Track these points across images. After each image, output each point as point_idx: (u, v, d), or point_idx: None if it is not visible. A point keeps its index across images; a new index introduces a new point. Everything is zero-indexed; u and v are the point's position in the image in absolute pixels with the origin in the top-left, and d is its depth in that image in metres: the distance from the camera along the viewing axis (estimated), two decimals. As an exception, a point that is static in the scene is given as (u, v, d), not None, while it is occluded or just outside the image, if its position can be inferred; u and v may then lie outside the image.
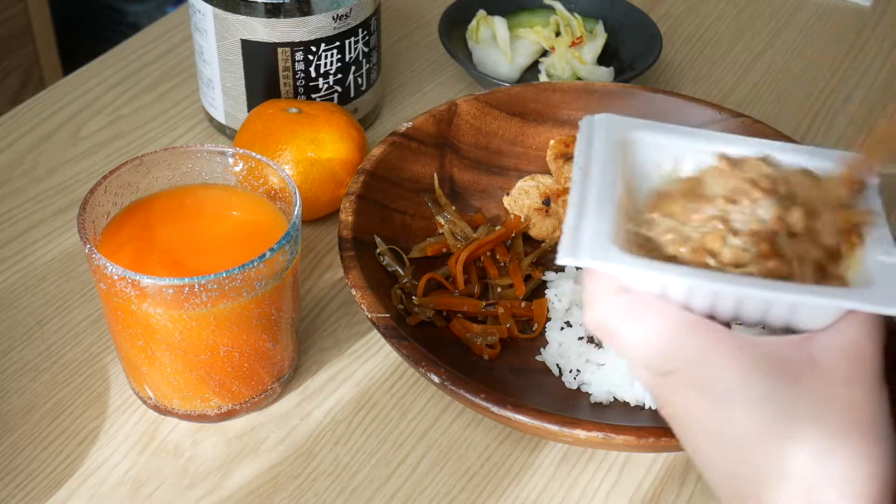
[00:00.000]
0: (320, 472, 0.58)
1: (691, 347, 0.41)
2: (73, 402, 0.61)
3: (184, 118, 0.83)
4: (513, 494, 0.57)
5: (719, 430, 0.41)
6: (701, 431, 0.42)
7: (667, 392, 0.43)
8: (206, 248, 0.59)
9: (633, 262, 0.42)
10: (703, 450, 0.42)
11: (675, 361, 0.42)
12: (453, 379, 0.54)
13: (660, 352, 0.42)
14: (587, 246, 0.43)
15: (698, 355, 0.41)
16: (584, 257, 0.42)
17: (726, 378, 0.40)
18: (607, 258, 0.42)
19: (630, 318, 0.42)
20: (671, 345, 0.42)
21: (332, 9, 0.72)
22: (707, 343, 0.41)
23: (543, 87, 0.75)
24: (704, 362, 0.41)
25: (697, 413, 0.41)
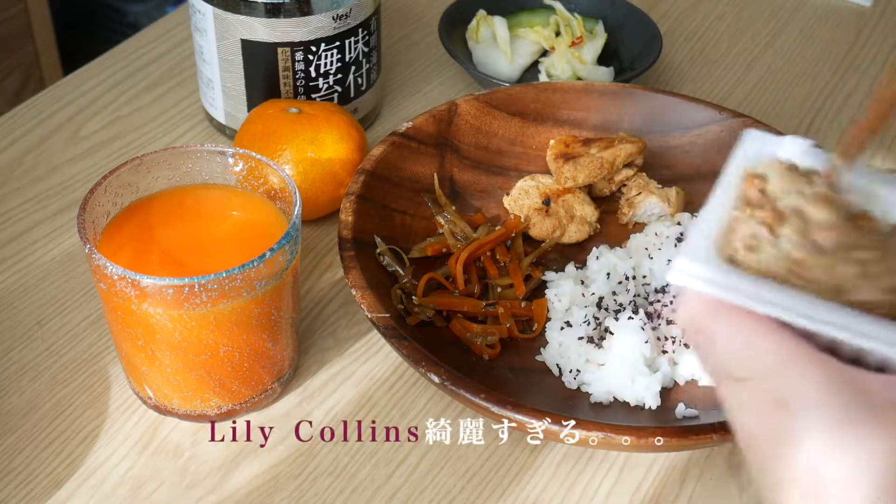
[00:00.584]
0: (320, 472, 0.58)
1: (774, 355, 0.39)
2: (73, 402, 0.61)
3: (184, 118, 0.83)
4: (513, 494, 0.57)
5: (786, 450, 0.38)
6: (767, 447, 0.39)
7: (739, 399, 0.40)
8: (206, 248, 0.59)
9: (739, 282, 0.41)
10: (767, 466, 0.40)
11: (754, 367, 0.40)
12: (453, 379, 0.54)
13: (740, 354, 0.40)
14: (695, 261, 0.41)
15: (779, 365, 0.39)
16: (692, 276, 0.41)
17: (804, 395, 0.38)
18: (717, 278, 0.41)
19: (720, 317, 0.41)
20: (753, 349, 0.40)
21: (332, 9, 0.72)
22: (791, 354, 0.39)
23: (543, 87, 0.75)
24: (784, 373, 0.39)
25: (767, 427, 0.39)
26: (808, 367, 0.39)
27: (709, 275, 0.41)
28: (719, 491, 0.58)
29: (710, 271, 0.41)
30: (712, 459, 0.59)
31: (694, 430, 0.52)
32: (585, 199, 0.71)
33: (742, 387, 0.40)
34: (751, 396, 0.40)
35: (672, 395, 0.60)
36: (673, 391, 0.61)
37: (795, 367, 0.39)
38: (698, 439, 0.52)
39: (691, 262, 0.41)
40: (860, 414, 0.37)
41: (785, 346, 0.39)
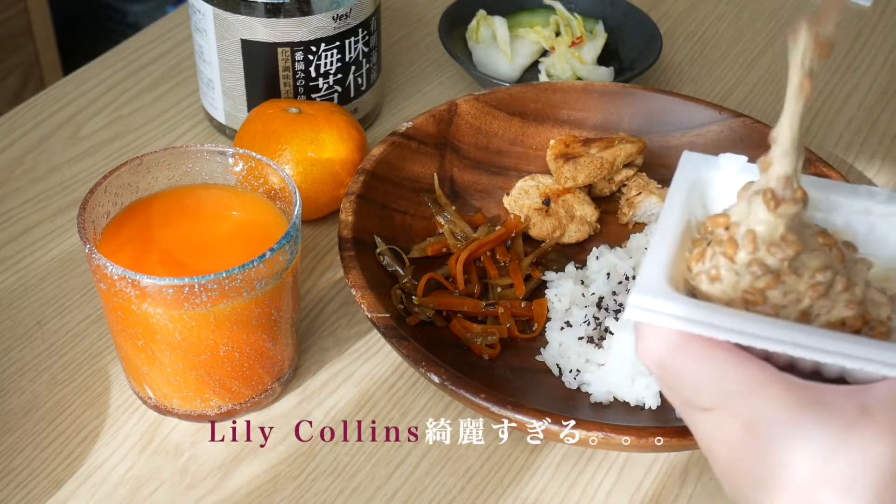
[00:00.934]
0: (320, 472, 0.58)
1: (738, 383, 0.40)
2: (73, 402, 0.61)
3: (184, 118, 0.83)
4: (513, 494, 0.57)
5: (762, 472, 0.39)
6: (742, 471, 0.40)
7: (709, 427, 0.41)
8: (206, 248, 0.59)
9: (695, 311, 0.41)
10: (744, 491, 0.40)
11: (722, 396, 0.40)
12: (453, 379, 0.54)
13: (707, 384, 0.40)
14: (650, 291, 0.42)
15: (744, 390, 0.39)
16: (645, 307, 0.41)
17: (772, 417, 0.39)
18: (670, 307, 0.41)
19: (681, 350, 0.41)
20: (718, 378, 0.40)
21: (332, 9, 0.72)
22: (755, 379, 0.39)
23: (543, 87, 0.75)
24: (751, 398, 0.39)
25: (739, 452, 0.40)
26: (772, 389, 0.39)
27: (666, 308, 0.41)
28: (719, 491, 0.58)
29: (667, 304, 0.41)
30: (712, 459, 0.59)
31: (694, 430, 0.52)
32: (585, 199, 0.71)
33: (710, 416, 0.41)
34: (719, 424, 0.40)
35: (672, 395, 0.60)
36: (673, 391, 0.61)
37: (760, 390, 0.39)
38: (698, 439, 0.52)
39: (648, 297, 0.41)
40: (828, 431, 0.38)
41: (747, 370, 0.40)
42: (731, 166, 0.47)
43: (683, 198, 0.46)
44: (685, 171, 0.47)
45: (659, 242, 0.44)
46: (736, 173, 0.47)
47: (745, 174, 0.47)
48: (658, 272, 0.42)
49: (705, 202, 0.48)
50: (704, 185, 0.48)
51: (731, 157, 0.47)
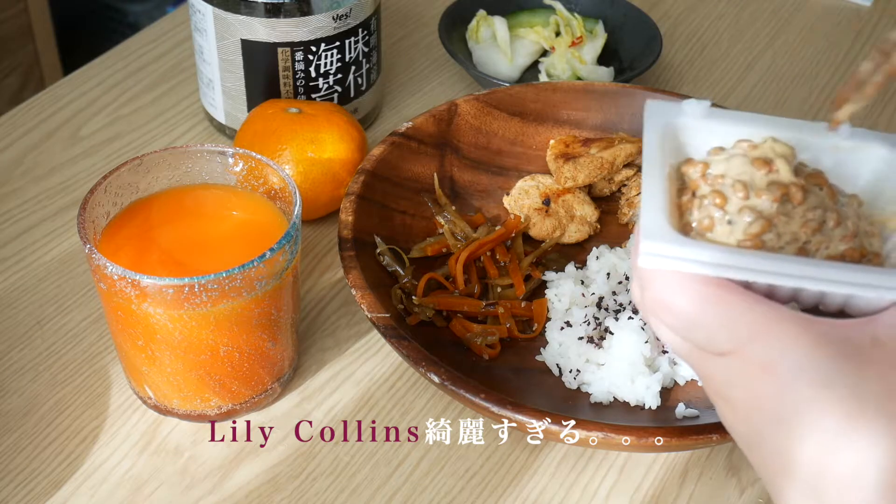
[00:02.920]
0: (320, 472, 0.58)
1: (752, 325, 0.39)
2: (73, 402, 0.61)
3: (184, 118, 0.83)
4: (513, 494, 0.57)
5: (783, 412, 0.38)
6: (762, 414, 0.39)
7: (722, 373, 0.40)
8: (206, 248, 0.59)
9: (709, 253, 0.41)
10: (764, 433, 0.39)
11: (734, 340, 0.39)
12: (453, 379, 0.54)
13: (718, 329, 0.40)
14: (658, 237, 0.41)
15: (759, 332, 0.39)
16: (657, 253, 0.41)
17: (790, 357, 0.38)
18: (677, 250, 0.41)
19: (688, 294, 0.40)
20: (731, 322, 0.39)
21: (332, 9, 0.72)
22: (767, 320, 0.39)
23: (543, 87, 0.75)
24: (766, 340, 0.39)
25: (758, 394, 0.39)
26: (787, 328, 0.39)
27: (677, 252, 0.41)
28: (719, 491, 0.58)
29: (676, 248, 0.41)
30: (712, 459, 0.59)
31: (694, 430, 0.52)
32: (585, 199, 0.71)
33: (725, 360, 0.40)
34: (736, 368, 0.40)
35: (672, 395, 0.60)
36: (673, 391, 0.61)
37: (775, 330, 0.39)
38: (698, 439, 0.52)
39: (657, 243, 0.41)
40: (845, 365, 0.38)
41: (760, 311, 0.39)
42: (696, 111, 0.47)
43: (659, 144, 0.46)
44: (653, 118, 0.47)
45: (651, 191, 0.44)
46: (701, 119, 0.47)
47: (709, 120, 0.47)
48: (660, 218, 0.42)
49: (677, 147, 0.47)
50: (674, 131, 0.47)
51: (694, 103, 0.48)
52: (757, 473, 0.41)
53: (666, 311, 0.41)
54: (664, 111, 0.48)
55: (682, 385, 0.61)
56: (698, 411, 0.59)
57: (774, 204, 0.42)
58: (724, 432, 0.52)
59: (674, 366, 0.61)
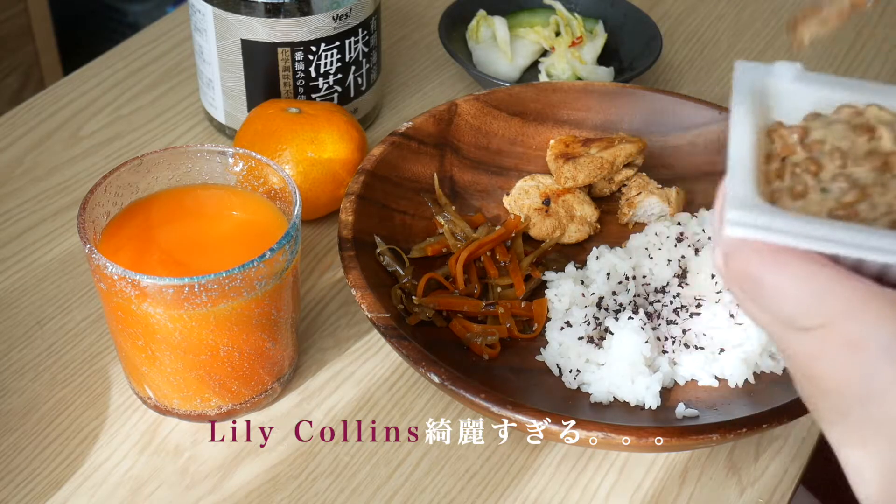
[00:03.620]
0: (320, 472, 0.58)
1: (842, 300, 0.38)
2: (73, 402, 0.61)
3: (184, 118, 0.83)
4: (513, 494, 0.57)
5: (869, 391, 0.37)
6: (845, 393, 0.38)
7: (807, 348, 0.39)
8: (206, 248, 0.59)
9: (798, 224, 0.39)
10: (847, 412, 0.39)
11: (823, 315, 0.38)
12: (453, 379, 0.54)
13: (807, 303, 0.38)
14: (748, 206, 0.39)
15: (849, 309, 0.38)
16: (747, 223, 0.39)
17: (880, 335, 0.37)
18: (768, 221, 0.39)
19: (779, 266, 0.39)
20: (820, 296, 0.38)
21: (332, 9, 0.72)
22: (858, 296, 0.38)
23: (543, 87, 0.75)
24: (856, 317, 0.37)
25: (844, 372, 0.38)
26: (876, 305, 0.38)
27: (765, 221, 0.39)
28: (719, 491, 0.58)
29: (765, 218, 0.39)
30: (712, 459, 0.59)
31: (694, 430, 0.52)
32: (585, 199, 0.71)
33: (810, 335, 0.39)
34: (822, 344, 0.38)
35: (672, 395, 0.60)
36: (673, 391, 0.61)
37: (864, 306, 0.38)
38: (698, 439, 0.52)
39: (746, 212, 0.39)
40: None
41: (849, 286, 0.38)
42: (787, 73, 0.46)
43: (749, 108, 0.44)
44: (743, 80, 0.45)
45: (739, 156, 0.41)
46: (791, 82, 0.45)
47: (800, 83, 0.45)
48: (748, 186, 0.40)
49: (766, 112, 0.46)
50: (763, 95, 0.45)
51: (787, 64, 0.46)
52: (835, 451, 0.40)
53: (751, 283, 0.40)
54: (754, 72, 0.45)
55: (682, 385, 0.61)
56: (698, 411, 0.59)
57: (872, 173, 0.40)
58: (724, 432, 0.52)
59: (674, 366, 0.61)
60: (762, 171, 0.42)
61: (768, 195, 0.41)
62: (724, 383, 0.61)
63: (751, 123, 0.43)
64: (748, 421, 0.53)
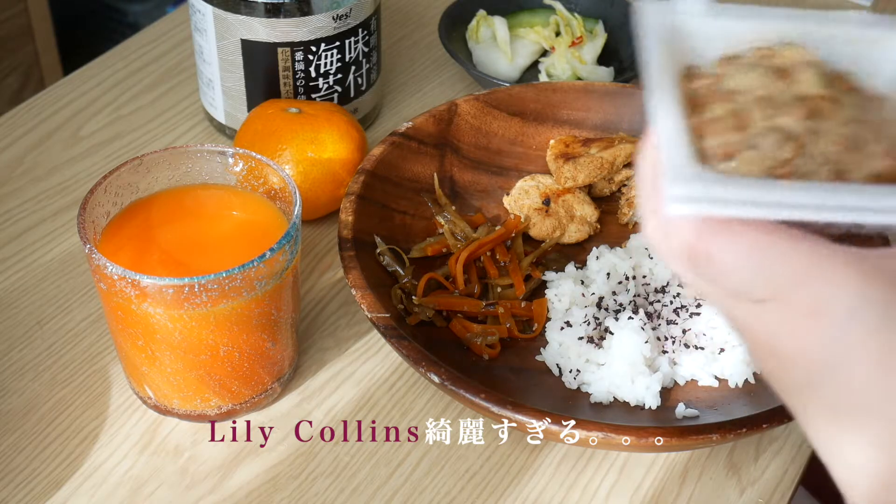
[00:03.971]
0: (320, 472, 0.58)
1: (795, 267, 0.36)
2: (73, 402, 0.61)
3: (184, 118, 0.83)
4: (513, 494, 0.57)
5: (834, 360, 0.35)
6: (811, 364, 0.36)
7: (764, 321, 0.37)
8: (206, 248, 0.59)
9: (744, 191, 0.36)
10: (812, 383, 0.37)
11: (777, 285, 0.36)
12: (453, 379, 0.54)
13: (759, 274, 0.36)
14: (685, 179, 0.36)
15: (804, 276, 0.35)
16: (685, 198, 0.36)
17: (840, 301, 0.35)
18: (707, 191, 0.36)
19: (727, 237, 0.36)
20: (772, 265, 0.36)
21: (332, 9, 0.72)
22: (812, 261, 0.35)
23: (543, 87, 0.75)
24: (812, 284, 0.35)
25: (806, 342, 0.36)
26: (834, 268, 0.35)
27: (708, 193, 0.36)
28: (719, 491, 0.58)
29: (707, 189, 0.36)
30: (712, 459, 0.59)
31: (694, 430, 0.52)
32: (585, 199, 0.71)
33: (766, 308, 0.37)
34: (780, 316, 0.36)
35: (672, 395, 0.60)
36: (673, 391, 0.61)
37: (821, 271, 0.35)
38: (698, 439, 0.52)
39: (684, 185, 0.36)
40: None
41: (802, 251, 0.36)
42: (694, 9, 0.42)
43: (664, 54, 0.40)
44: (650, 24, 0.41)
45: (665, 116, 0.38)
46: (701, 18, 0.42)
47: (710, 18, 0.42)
48: (683, 153, 0.37)
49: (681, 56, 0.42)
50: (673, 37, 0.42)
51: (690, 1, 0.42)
52: (802, 427, 0.38)
53: (697, 258, 0.37)
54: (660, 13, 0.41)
55: (682, 385, 0.61)
56: (698, 411, 0.59)
57: (801, 121, 0.37)
58: (724, 432, 0.52)
59: (674, 366, 0.61)
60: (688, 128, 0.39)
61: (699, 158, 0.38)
62: (724, 383, 0.61)
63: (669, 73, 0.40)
64: (748, 421, 0.53)
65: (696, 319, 0.62)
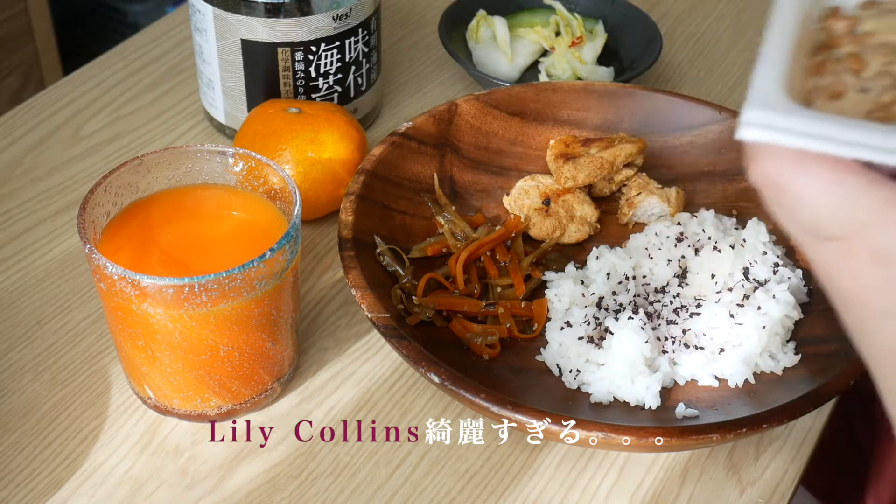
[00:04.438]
0: (320, 472, 0.58)
1: (870, 209, 0.35)
2: (73, 402, 0.61)
3: (184, 118, 0.83)
4: (513, 494, 0.57)
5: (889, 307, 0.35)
6: (870, 306, 0.36)
7: (835, 259, 0.37)
8: (206, 248, 0.59)
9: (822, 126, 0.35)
10: (871, 326, 0.37)
11: (850, 224, 0.36)
12: (453, 379, 0.54)
13: (833, 211, 0.36)
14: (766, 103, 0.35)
15: (878, 218, 0.35)
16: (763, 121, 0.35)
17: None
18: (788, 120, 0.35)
19: (803, 171, 0.36)
20: (847, 204, 0.36)
21: (332, 9, 0.72)
22: (883, 205, 0.35)
23: (543, 87, 0.75)
24: (882, 227, 0.35)
25: (869, 284, 0.36)
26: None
27: (786, 123, 0.35)
28: (719, 491, 0.58)
29: (786, 119, 0.35)
30: (712, 459, 0.59)
31: (694, 430, 0.52)
32: (585, 199, 0.71)
33: (834, 246, 0.37)
34: (845, 255, 0.36)
35: (672, 395, 0.60)
36: (673, 391, 0.61)
37: (888, 217, 0.35)
38: (698, 439, 0.52)
39: (765, 112, 0.35)
40: None
41: (877, 195, 0.35)
42: None
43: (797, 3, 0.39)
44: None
45: (773, 47, 0.37)
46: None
47: None
48: (773, 83, 0.36)
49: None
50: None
51: None
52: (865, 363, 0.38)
53: (774, 189, 0.37)
54: None
55: (682, 385, 0.61)
56: (698, 411, 0.59)
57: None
58: (724, 432, 0.52)
59: (674, 366, 0.61)
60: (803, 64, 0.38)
61: (804, 94, 0.37)
62: (724, 383, 0.61)
63: (796, 8, 0.39)
64: (748, 421, 0.53)
65: (696, 319, 0.62)
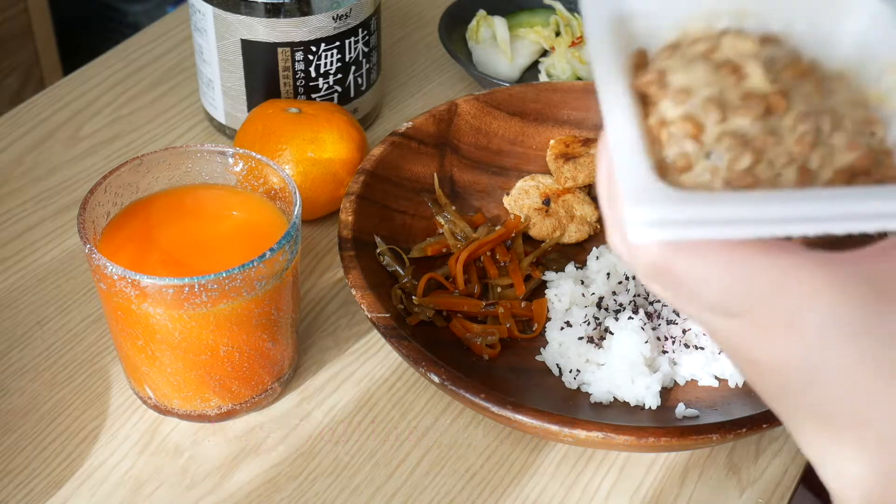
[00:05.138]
0: (320, 472, 0.58)
1: (769, 279, 0.34)
2: (73, 402, 0.61)
3: (184, 118, 0.83)
4: (513, 494, 0.57)
5: (813, 370, 0.35)
6: (787, 375, 0.35)
7: (741, 335, 0.36)
8: (206, 248, 0.59)
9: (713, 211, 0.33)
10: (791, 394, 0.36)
11: (750, 298, 0.35)
12: (453, 379, 0.54)
13: (732, 290, 0.35)
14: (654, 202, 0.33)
15: (776, 287, 0.34)
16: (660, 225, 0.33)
17: (816, 312, 0.34)
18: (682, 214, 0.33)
19: (689, 255, 0.35)
20: (745, 279, 0.35)
21: (332, 9, 0.72)
22: (783, 272, 0.34)
23: (543, 87, 0.75)
24: (784, 295, 0.34)
25: (783, 355, 0.35)
26: (807, 278, 0.34)
27: (673, 215, 0.33)
28: (719, 491, 0.58)
29: (672, 211, 0.33)
30: (712, 459, 0.59)
31: (694, 430, 0.52)
32: (585, 199, 0.71)
33: (741, 322, 0.36)
34: (755, 329, 0.35)
35: (672, 395, 0.60)
36: (673, 391, 0.61)
37: (794, 283, 0.34)
38: (698, 439, 0.52)
39: (649, 209, 0.33)
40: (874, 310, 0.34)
41: (775, 263, 0.35)
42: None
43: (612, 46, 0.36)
44: (596, 12, 0.37)
45: (618, 124, 0.34)
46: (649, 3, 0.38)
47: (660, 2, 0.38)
48: (643, 171, 0.33)
49: (629, 44, 0.38)
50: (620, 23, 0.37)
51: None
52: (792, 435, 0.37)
53: (666, 277, 0.36)
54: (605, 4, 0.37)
55: (682, 385, 0.61)
56: (698, 411, 0.59)
57: (756, 122, 0.34)
58: (724, 432, 0.52)
59: (674, 366, 0.61)
60: (645, 135, 0.35)
61: (659, 172, 0.34)
62: (724, 383, 0.61)
63: (619, 70, 0.35)
64: (748, 421, 0.53)
65: (696, 319, 0.62)
